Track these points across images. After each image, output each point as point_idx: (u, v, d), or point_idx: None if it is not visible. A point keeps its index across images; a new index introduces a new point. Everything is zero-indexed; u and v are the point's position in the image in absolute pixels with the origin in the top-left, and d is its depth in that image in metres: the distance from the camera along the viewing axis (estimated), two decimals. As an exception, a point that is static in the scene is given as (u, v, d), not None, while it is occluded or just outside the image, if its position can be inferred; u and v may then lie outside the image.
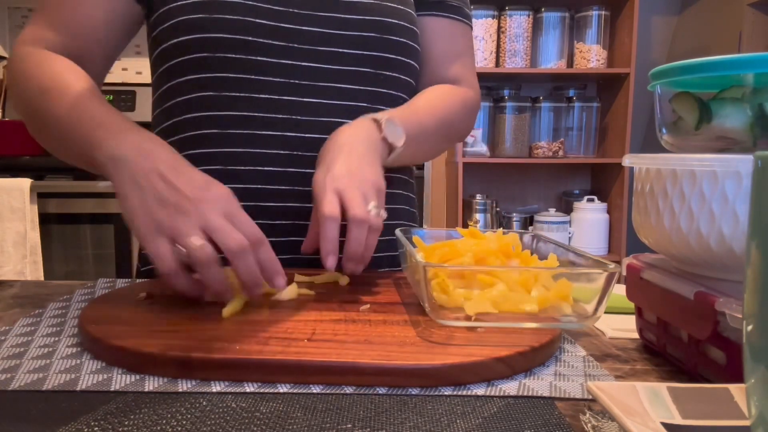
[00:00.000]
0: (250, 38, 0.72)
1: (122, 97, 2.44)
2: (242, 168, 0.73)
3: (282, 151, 0.73)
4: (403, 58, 0.79)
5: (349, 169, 0.63)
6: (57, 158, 0.72)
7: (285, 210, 0.74)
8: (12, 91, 0.73)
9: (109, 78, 1.91)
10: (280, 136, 0.73)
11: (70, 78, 0.68)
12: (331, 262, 0.58)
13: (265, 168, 0.73)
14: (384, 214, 0.62)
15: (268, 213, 0.73)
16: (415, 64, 0.82)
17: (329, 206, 0.59)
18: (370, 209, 0.60)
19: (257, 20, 0.72)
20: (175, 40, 0.73)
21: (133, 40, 0.80)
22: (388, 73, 0.78)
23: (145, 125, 0.63)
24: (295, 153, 0.73)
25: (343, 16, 0.76)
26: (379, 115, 0.70)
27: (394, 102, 0.79)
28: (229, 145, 0.73)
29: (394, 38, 0.77)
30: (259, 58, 0.72)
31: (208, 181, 0.56)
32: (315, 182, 0.63)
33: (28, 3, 2.54)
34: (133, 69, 2.56)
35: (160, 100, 0.79)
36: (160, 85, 0.78)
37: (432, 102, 0.79)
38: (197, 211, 0.53)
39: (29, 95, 0.69)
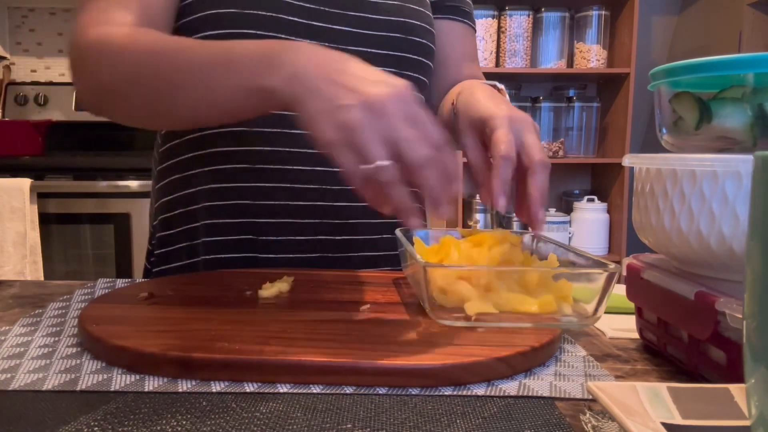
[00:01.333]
0: (282, 36, 0.70)
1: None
2: (265, 167, 0.72)
3: (306, 150, 0.72)
4: (422, 59, 0.81)
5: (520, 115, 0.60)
6: (164, 126, 0.68)
7: (307, 209, 0.73)
8: (94, 74, 0.64)
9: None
10: (305, 134, 0.72)
11: (174, 37, 0.63)
12: (502, 202, 0.56)
13: (288, 167, 0.72)
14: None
15: (290, 211, 0.73)
16: (431, 64, 0.84)
17: (509, 147, 0.57)
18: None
19: (290, 17, 0.71)
20: (203, 34, 0.70)
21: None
22: (409, 73, 0.79)
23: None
24: (319, 152, 0.72)
25: (369, 15, 0.76)
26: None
27: None
28: (251, 144, 0.72)
29: (416, 39, 0.79)
30: None
31: (382, 80, 0.51)
32: (490, 113, 0.60)
33: (28, 3, 2.54)
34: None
35: None
36: None
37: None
38: (382, 117, 0.48)
39: (130, 64, 0.61)
